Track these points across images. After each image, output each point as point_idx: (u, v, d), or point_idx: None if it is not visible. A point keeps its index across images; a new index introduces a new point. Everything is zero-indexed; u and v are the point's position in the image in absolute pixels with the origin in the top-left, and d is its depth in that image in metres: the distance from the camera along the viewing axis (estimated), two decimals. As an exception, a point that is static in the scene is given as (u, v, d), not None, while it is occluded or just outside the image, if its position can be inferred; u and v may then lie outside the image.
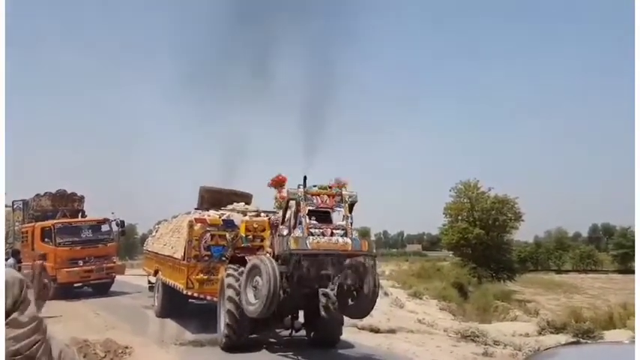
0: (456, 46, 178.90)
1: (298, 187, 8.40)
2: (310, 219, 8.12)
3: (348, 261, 7.68)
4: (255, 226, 10.61)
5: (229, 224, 11.03)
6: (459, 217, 44.77)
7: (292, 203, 8.64)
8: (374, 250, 8.39)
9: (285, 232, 8.13)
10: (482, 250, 42.85)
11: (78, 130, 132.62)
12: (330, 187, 8.60)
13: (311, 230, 7.83)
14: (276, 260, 8.07)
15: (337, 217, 8.65)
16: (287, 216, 8.59)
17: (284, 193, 8.96)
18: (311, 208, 8.03)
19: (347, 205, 8.28)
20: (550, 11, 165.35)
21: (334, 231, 8.01)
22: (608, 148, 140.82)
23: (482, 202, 43.76)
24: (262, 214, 11.71)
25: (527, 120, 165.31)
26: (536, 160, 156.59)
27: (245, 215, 11.54)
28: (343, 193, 8.35)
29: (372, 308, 8.17)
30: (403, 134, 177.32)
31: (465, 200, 44.61)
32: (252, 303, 7.83)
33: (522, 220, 44.33)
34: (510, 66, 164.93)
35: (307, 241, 7.63)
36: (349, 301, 7.93)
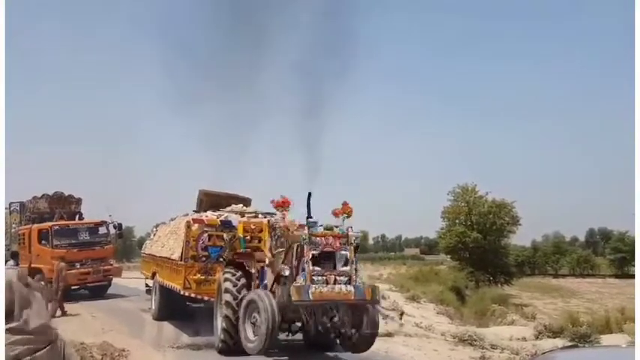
0: (454, 47, 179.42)
1: (306, 225, 8.18)
2: (314, 256, 7.89)
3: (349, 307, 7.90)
4: (253, 227, 10.61)
5: (227, 225, 11.03)
6: (457, 221, 44.85)
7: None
8: (378, 297, 8.15)
9: (286, 273, 7.93)
10: (480, 253, 42.92)
11: (75, 130, 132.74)
12: (335, 227, 8.35)
13: (313, 278, 7.65)
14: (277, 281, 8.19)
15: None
16: (289, 255, 8.29)
17: (287, 222, 8.70)
18: (315, 252, 7.81)
19: (352, 247, 8.07)
20: (549, 11, 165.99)
21: (338, 278, 7.80)
22: (606, 153, 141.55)
23: (479, 206, 43.87)
24: (260, 216, 11.75)
25: (525, 124, 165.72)
26: (534, 164, 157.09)
27: (243, 216, 11.57)
28: (349, 234, 8.12)
29: (372, 344, 8.22)
30: (401, 137, 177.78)
31: (463, 204, 44.71)
32: (251, 340, 7.82)
33: (519, 224, 44.55)
34: (509, 68, 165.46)
35: (309, 291, 7.49)
36: (348, 338, 8.15)
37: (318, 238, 7.95)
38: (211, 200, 13.19)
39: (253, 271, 9.23)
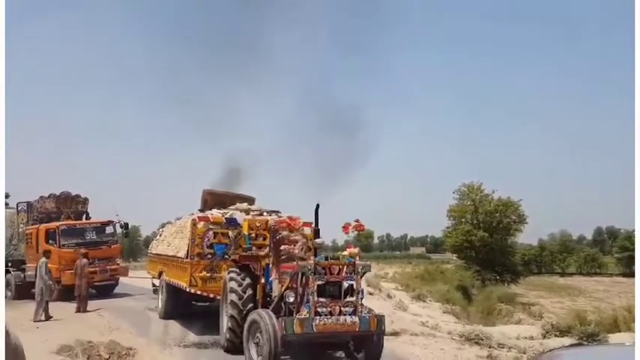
0: (459, 44, 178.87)
1: (314, 256, 8.09)
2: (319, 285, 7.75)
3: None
4: (258, 224, 10.72)
5: (232, 222, 11.09)
6: (463, 220, 44.71)
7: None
8: (383, 327, 8.03)
9: (291, 299, 7.83)
10: (486, 252, 42.78)
11: (83, 131, 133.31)
12: (345, 254, 8.25)
13: (318, 310, 7.54)
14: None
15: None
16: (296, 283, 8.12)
17: (295, 250, 8.59)
18: (320, 282, 7.66)
19: (359, 276, 7.92)
20: (556, 12, 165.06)
21: (343, 308, 7.67)
22: (613, 151, 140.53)
23: (485, 205, 43.70)
24: (265, 214, 11.80)
25: (532, 122, 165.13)
26: (541, 162, 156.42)
27: (248, 214, 11.62)
28: (356, 263, 7.93)
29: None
30: (406, 136, 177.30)
31: (469, 203, 44.56)
32: None
33: (526, 223, 44.29)
34: (515, 66, 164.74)
35: (313, 323, 7.39)
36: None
37: (324, 268, 7.77)
38: (215, 199, 13.24)
39: (258, 273, 9.23)
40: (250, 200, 13.52)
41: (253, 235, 10.52)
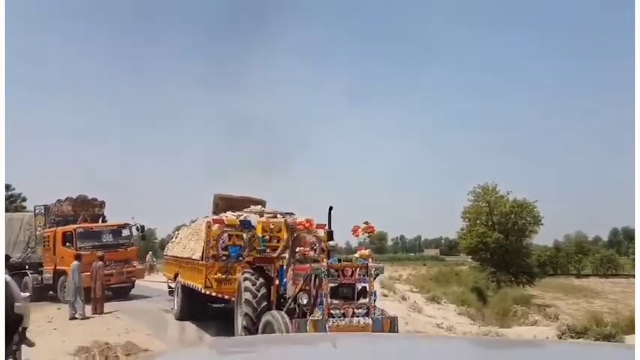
0: (471, 36, 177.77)
1: (328, 257, 8.11)
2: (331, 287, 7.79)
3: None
4: (272, 226, 10.81)
5: (246, 225, 11.19)
6: (478, 221, 44.34)
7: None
8: (396, 329, 8.00)
9: (305, 301, 7.91)
10: (502, 254, 42.41)
11: (101, 133, 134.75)
12: (356, 256, 8.27)
13: (331, 312, 7.58)
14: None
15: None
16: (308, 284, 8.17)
17: (311, 252, 8.65)
18: (333, 285, 7.71)
19: (372, 278, 7.93)
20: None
21: (356, 310, 7.70)
22: (629, 151, 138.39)
23: (500, 206, 43.31)
24: (279, 216, 11.88)
25: (546, 121, 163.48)
26: (556, 162, 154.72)
27: (262, 216, 11.70)
28: (369, 265, 7.95)
29: None
30: (419, 137, 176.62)
31: (484, 204, 44.19)
32: None
33: (542, 224, 43.78)
34: (530, 61, 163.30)
35: (327, 325, 7.41)
36: None
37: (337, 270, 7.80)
38: (227, 203, 13.36)
39: (272, 275, 9.31)
40: (261, 203, 13.61)
41: (267, 237, 10.59)
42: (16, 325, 6.72)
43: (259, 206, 13.06)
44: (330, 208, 8.56)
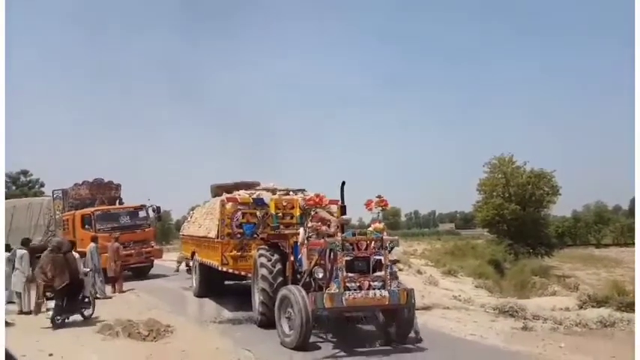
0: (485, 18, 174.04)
1: (341, 232, 8.09)
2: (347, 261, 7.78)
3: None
4: (285, 203, 10.89)
5: (259, 202, 11.26)
6: (494, 193, 43.86)
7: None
8: (413, 301, 8.00)
9: (320, 275, 7.93)
10: (519, 226, 42.00)
11: (116, 120, 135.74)
12: (370, 230, 8.22)
13: (347, 285, 7.57)
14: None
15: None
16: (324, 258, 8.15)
17: (331, 229, 8.59)
18: (348, 258, 7.70)
19: (387, 251, 7.90)
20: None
21: (372, 283, 7.68)
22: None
23: (517, 177, 42.75)
24: (291, 193, 11.97)
25: (563, 91, 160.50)
26: (574, 132, 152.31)
27: (274, 194, 11.77)
28: (384, 238, 7.94)
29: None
30: (433, 111, 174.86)
31: (500, 176, 43.66)
32: (288, 334, 7.82)
33: (560, 194, 43.19)
34: (551, 39, 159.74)
35: (343, 298, 7.41)
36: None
37: (352, 244, 7.81)
38: (222, 190, 13.36)
39: (287, 251, 9.35)
40: (254, 185, 13.61)
41: (280, 214, 10.62)
42: (79, 289, 10.24)
43: (272, 184, 13.13)
44: (343, 183, 8.51)
